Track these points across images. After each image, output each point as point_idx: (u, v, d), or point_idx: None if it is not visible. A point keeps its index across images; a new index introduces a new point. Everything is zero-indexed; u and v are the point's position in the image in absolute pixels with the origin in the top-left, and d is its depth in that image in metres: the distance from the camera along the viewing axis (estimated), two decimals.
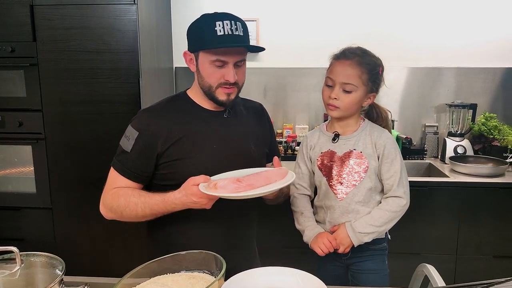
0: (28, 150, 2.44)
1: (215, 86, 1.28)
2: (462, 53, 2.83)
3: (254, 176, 1.19)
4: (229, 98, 1.30)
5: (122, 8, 2.22)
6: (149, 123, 1.30)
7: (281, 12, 2.89)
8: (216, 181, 1.15)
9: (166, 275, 1.07)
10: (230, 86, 1.28)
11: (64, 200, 2.45)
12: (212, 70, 1.27)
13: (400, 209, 1.42)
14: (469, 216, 2.32)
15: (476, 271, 2.37)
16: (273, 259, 1.35)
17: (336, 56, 1.44)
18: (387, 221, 1.41)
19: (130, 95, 2.29)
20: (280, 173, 1.23)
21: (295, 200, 1.55)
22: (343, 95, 1.40)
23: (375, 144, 1.44)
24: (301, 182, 1.55)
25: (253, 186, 1.15)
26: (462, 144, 2.68)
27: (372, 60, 1.43)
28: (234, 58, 1.26)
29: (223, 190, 1.12)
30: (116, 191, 1.30)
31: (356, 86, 1.39)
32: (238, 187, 1.13)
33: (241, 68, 1.31)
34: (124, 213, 1.27)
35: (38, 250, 2.53)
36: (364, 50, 1.44)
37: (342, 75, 1.39)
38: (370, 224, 1.40)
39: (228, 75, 1.26)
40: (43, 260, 1.03)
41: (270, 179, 1.19)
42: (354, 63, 1.39)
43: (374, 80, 1.43)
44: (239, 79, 1.30)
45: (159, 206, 1.23)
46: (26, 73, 2.35)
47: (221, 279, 0.98)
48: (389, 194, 1.43)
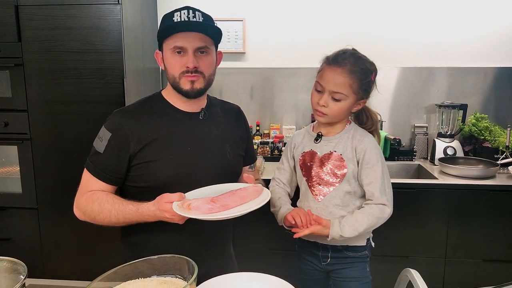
0: (14, 150, 2.43)
1: (177, 75, 1.27)
2: (453, 53, 2.81)
3: (228, 196, 1.18)
4: (193, 87, 1.27)
5: (106, 8, 2.21)
6: (121, 124, 1.28)
7: (268, 12, 2.87)
8: (190, 201, 1.14)
9: (138, 279, 1.05)
10: (193, 74, 1.26)
11: (50, 200, 2.44)
12: (173, 59, 1.26)
13: (384, 216, 1.39)
14: (458, 219, 2.30)
15: (466, 275, 2.34)
16: (253, 263, 1.34)
17: (328, 61, 1.39)
18: (369, 227, 1.39)
19: (114, 95, 2.28)
20: (255, 190, 1.22)
21: (274, 189, 1.54)
22: (331, 103, 1.37)
23: (355, 148, 1.42)
24: (281, 177, 1.56)
25: (228, 207, 1.14)
26: (452, 145, 2.65)
27: (365, 67, 1.38)
28: (192, 44, 1.24)
29: (197, 211, 1.11)
30: (91, 195, 1.28)
31: (346, 95, 1.36)
32: (212, 208, 1.12)
33: (205, 56, 1.28)
34: (97, 218, 1.26)
35: (25, 249, 2.53)
36: (358, 56, 1.39)
37: (332, 83, 1.35)
38: (353, 229, 1.37)
39: (187, 61, 1.24)
40: (6, 265, 1.00)
41: (244, 198, 1.18)
42: (345, 71, 1.34)
43: (365, 88, 1.39)
44: (202, 67, 1.27)
45: (132, 216, 1.22)
46: (12, 74, 2.34)
47: (193, 284, 0.96)
48: (373, 202, 1.40)
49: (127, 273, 1.03)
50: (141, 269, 1.05)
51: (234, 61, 2.93)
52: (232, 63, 2.93)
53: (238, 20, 2.86)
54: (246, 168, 1.53)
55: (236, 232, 1.59)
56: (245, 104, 2.89)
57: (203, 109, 1.36)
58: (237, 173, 1.44)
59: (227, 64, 2.90)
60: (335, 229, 1.36)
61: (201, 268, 0.97)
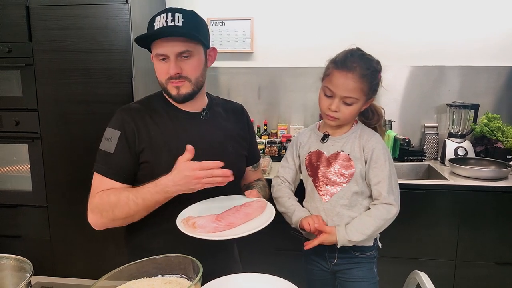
0: (24, 149, 2.46)
1: (164, 82, 1.27)
2: (464, 52, 2.77)
3: (233, 213, 1.17)
4: (179, 93, 1.27)
5: (115, 8, 2.22)
6: (128, 121, 1.28)
7: (276, 11, 2.86)
8: (195, 219, 1.14)
9: (143, 279, 1.05)
10: (177, 79, 1.25)
11: (59, 199, 2.47)
12: (158, 66, 1.26)
13: (390, 217, 1.38)
14: (469, 221, 2.26)
15: (477, 278, 2.31)
16: (258, 263, 1.34)
17: (337, 65, 1.36)
18: (377, 229, 1.38)
19: (122, 95, 2.29)
20: (259, 206, 1.22)
21: (279, 189, 1.53)
22: (343, 107, 1.36)
23: (363, 148, 1.41)
24: (286, 175, 1.54)
25: (233, 225, 1.14)
26: (463, 146, 2.62)
27: (373, 68, 1.36)
28: (173, 50, 1.22)
29: (202, 230, 1.11)
30: (104, 192, 1.25)
31: (358, 99, 1.35)
32: (217, 226, 1.12)
33: (189, 59, 1.26)
34: (115, 211, 1.21)
35: (34, 247, 2.56)
36: (365, 57, 1.37)
37: (344, 89, 1.33)
38: (361, 233, 1.36)
39: (169, 68, 1.24)
40: (12, 262, 1.01)
41: (249, 215, 1.18)
42: (356, 76, 1.32)
43: (374, 88, 1.39)
44: (186, 72, 1.26)
45: (152, 194, 1.18)
46: (23, 73, 2.37)
47: (198, 284, 0.96)
48: (379, 201, 1.39)
49: (133, 272, 1.03)
50: (147, 268, 1.05)
51: (242, 61, 2.93)
52: (240, 63, 2.92)
53: (246, 20, 2.85)
54: (249, 168, 1.51)
55: None
56: (252, 104, 2.91)
57: (205, 109, 1.36)
58: (240, 174, 1.44)
59: (235, 63, 2.90)
60: (341, 235, 1.35)
61: (205, 269, 0.96)
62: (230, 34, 2.87)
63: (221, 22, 2.84)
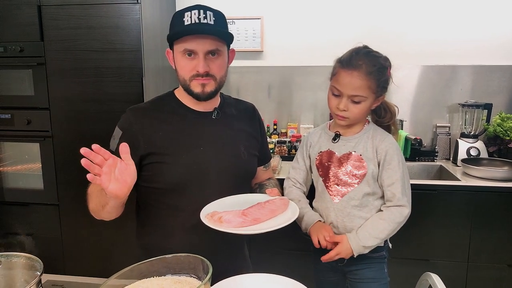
0: (36, 148, 2.49)
1: (188, 78, 1.25)
2: (477, 50, 2.73)
3: (258, 209, 1.18)
4: (204, 90, 1.25)
5: (126, 7, 2.23)
6: (133, 122, 1.28)
7: (286, 10, 2.85)
8: (221, 214, 1.14)
9: (153, 278, 1.05)
10: (204, 77, 1.24)
11: (70, 197, 2.49)
12: (184, 62, 1.24)
13: (403, 219, 1.37)
14: (482, 222, 2.23)
15: (489, 280, 2.28)
16: (269, 263, 1.33)
17: (342, 64, 1.35)
18: (391, 232, 1.37)
19: (133, 93, 2.30)
20: (282, 203, 1.23)
21: (290, 191, 1.52)
22: (352, 106, 1.35)
23: (376, 149, 1.39)
24: (297, 177, 1.53)
25: (259, 221, 1.15)
26: (475, 146, 2.58)
27: (380, 65, 1.34)
28: (203, 47, 1.21)
29: (228, 224, 1.12)
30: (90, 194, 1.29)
31: (366, 96, 1.33)
32: (244, 221, 1.13)
33: (216, 59, 1.25)
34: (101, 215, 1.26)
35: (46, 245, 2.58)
36: (371, 54, 1.36)
37: (350, 88, 1.32)
38: (375, 237, 1.36)
39: (198, 65, 1.22)
40: (23, 261, 1.02)
41: (274, 212, 1.19)
42: (362, 74, 1.31)
43: (383, 85, 1.36)
44: (214, 70, 1.25)
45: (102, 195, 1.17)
46: (34, 72, 2.40)
47: (207, 283, 0.96)
48: (393, 203, 1.37)
49: (143, 271, 1.04)
50: (156, 267, 1.05)
51: (252, 60, 2.92)
52: (250, 62, 2.92)
53: (256, 19, 2.85)
54: (261, 168, 1.50)
55: None
56: (262, 103, 2.90)
57: (216, 109, 1.35)
58: (251, 174, 1.43)
59: (244, 62, 2.90)
60: (354, 241, 1.35)
61: (215, 269, 0.96)
62: (240, 33, 2.86)
63: (231, 21, 2.83)
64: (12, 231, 2.58)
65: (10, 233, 2.58)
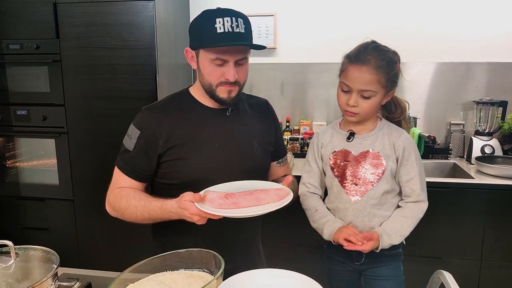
0: (51, 143, 2.53)
1: (215, 84, 1.26)
2: (492, 47, 2.69)
3: (245, 195, 1.15)
4: (230, 96, 1.27)
5: (140, 4, 2.25)
6: (150, 121, 1.29)
7: (299, 6, 2.84)
8: (208, 193, 1.14)
9: (166, 272, 1.07)
10: (231, 84, 1.25)
11: (85, 192, 2.53)
12: (212, 68, 1.24)
13: (422, 214, 1.38)
14: (496, 220, 2.21)
15: (503, 278, 2.26)
16: (282, 260, 1.33)
17: (351, 60, 1.34)
18: (412, 229, 1.38)
19: (147, 90, 2.32)
20: (276, 194, 1.17)
21: (306, 198, 1.49)
22: (362, 101, 1.34)
23: (393, 145, 1.39)
24: (311, 180, 1.50)
25: (238, 205, 1.12)
26: (490, 144, 2.55)
27: (389, 59, 1.33)
28: (234, 57, 1.22)
29: (210, 204, 1.11)
30: (119, 192, 1.30)
31: (375, 91, 1.32)
32: (223, 203, 1.11)
33: (243, 66, 1.27)
34: (125, 214, 1.28)
35: (61, 239, 2.62)
36: (380, 48, 1.35)
37: (360, 82, 1.31)
38: (400, 235, 1.36)
39: (228, 74, 1.23)
40: (39, 254, 1.04)
41: (260, 200, 1.14)
42: (371, 68, 1.30)
43: (393, 80, 1.35)
44: (240, 77, 1.26)
45: (157, 213, 1.22)
46: (50, 69, 2.44)
47: (219, 278, 0.97)
48: (412, 198, 1.37)
49: (156, 266, 1.05)
50: (170, 262, 1.07)
51: (265, 57, 2.91)
52: (263, 59, 2.92)
53: (269, 16, 2.85)
54: (274, 163, 1.50)
55: (265, 228, 1.59)
56: (275, 100, 2.89)
57: (229, 106, 1.36)
58: (265, 169, 1.43)
59: (258, 59, 2.90)
60: (385, 240, 1.34)
61: (229, 264, 0.97)
62: (253, 30, 2.84)
63: None
64: (28, 226, 2.64)
65: (26, 228, 2.64)
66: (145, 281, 1.01)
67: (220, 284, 0.98)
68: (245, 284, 1.04)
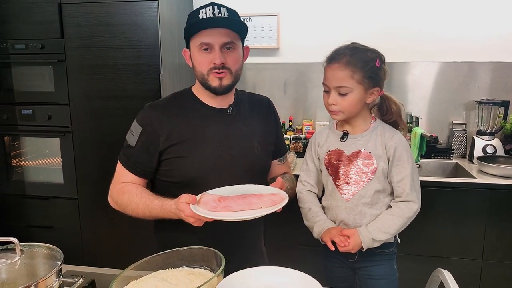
0: (56, 143, 2.55)
1: (206, 72, 1.28)
2: (494, 47, 2.69)
3: (238, 199, 1.17)
4: (221, 84, 1.29)
5: (144, 5, 2.27)
6: (152, 119, 1.32)
7: (302, 6, 2.85)
8: (203, 196, 1.16)
9: (168, 269, 1.08)
10: (221, 70, 1.27)
11: (89, 191, 2.55)
12: (201, 57, 1.27)
13: (412, 215, 1.39)
14: (497, 220, 2.21)
15: (504, 278, 2.26)
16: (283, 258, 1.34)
17: (327, 61, 1.40)
18: (400, 227, 1.39)
19: (151, 90, 2.34)
20: (269, 199, 1.17)
21: (302, 197, 1.53)
22: (339, 99, 1.37)
23: (385, 146, 1.40)
24: (308, 179, 1.53)
25: (229, 209, 1.14)
26: (492, 144, 2.55)
27: (364, 56, 1.36)
28: (218, 40, 1.25)
29: (204, 206, 1.13)
30: (122, 188, 1.33)
31: (350, 87, 1.35)
32: (216, 206, 1.13)
33: (232, 52, 1.29)
34: (126, 210, 1.32)
35: (65, 237, 2.64)
36: (354, 47, 1.38)
37: (333, 80, 1.36)
38: (384, 232, 1.37)
39: (214, 58, 1.25)
40: (44, 251, 1.06)
41: (253, 205, 1.16)
42: (342, 65, 1.34)
43: (370, 76, 1.36)
44: (229, 63, 1.28)
45: (157, 211, 1.25)
46: (55, 69, 2.46)
47: (220, 275, 0.98)
48: (402, 198, 1.39)
49: (158, 263, 1.07)
50: (171, 259, 1.09)
51: (268, 56, 2.93)
52: (266, 58, 2.93)
53: (272, 15, 2.86)
54: (275, 161, 1.52)
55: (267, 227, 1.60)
56: (278, 100, 2.91)
57: (231, 105, 1.38)
58: (266, 169, 1.45)
59: (261, 59, 2.91)
60: (365, 235, 1.36)
61: (231, 264, 0.99)
62: (256, 29, 2.88)
63: (248, 18, 2.84)
64: (33, 224, 2.66)
65: (31, 226, 2.67)
66: (147, 278, 1.02)
67: (220, 281, 1.00)
68: (245, 281, 1.05)
